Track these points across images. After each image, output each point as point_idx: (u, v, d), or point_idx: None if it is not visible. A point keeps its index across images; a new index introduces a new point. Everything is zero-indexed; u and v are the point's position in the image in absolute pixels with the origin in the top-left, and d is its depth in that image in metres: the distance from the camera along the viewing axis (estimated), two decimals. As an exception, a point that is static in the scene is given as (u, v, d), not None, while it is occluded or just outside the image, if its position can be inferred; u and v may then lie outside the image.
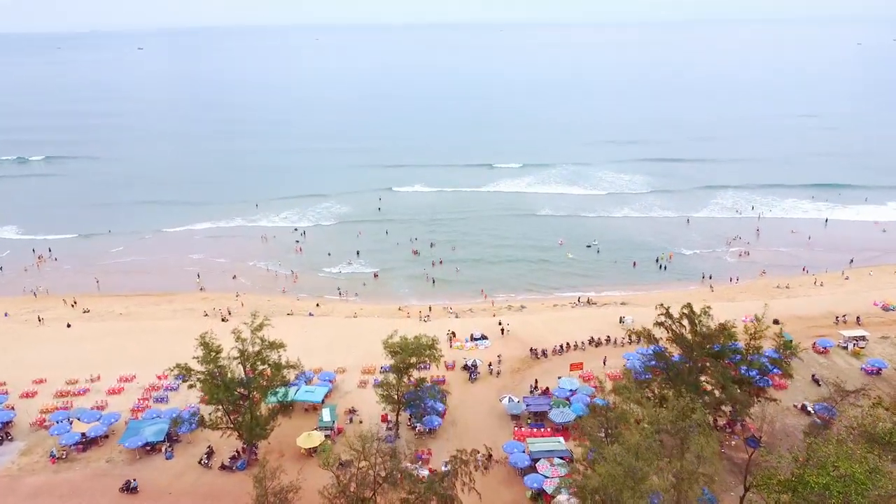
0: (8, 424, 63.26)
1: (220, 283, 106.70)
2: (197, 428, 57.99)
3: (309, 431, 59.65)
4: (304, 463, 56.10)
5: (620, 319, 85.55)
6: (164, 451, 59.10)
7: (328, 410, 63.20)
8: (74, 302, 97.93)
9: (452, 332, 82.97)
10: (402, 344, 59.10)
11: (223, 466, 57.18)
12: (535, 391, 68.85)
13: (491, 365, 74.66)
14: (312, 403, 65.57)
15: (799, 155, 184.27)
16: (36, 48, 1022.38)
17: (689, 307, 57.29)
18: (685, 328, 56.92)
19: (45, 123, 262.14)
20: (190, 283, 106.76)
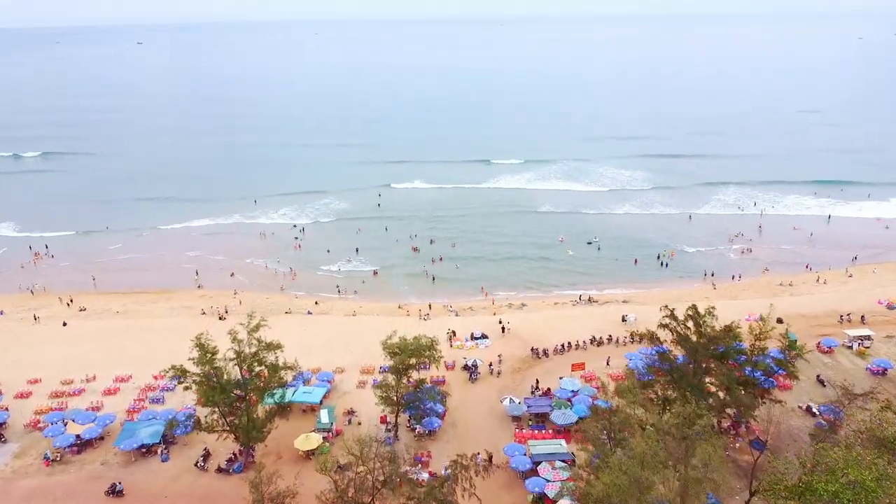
0: (1, 426, 62.38)
1: (218, 280, 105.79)
2: (192, 430, 57.15)
3: (307, 433, 58.70)
4: (301, 466, 55.22)
5: (623, 318, 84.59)
6: (159, 453, 58.20)
7: (326, 412, 62.29)
8: (70, 300, 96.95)
9: (452, 330, 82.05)
10: (401, 345, 58.18)
11: (220, 469, 56.26)
12: (536, 392, 67.93)
13: (491, 365, 73.73)
14: (310, 404, 64.67)
15: (800, 151, 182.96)
16: (34, 43, 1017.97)
17: (694, 309, 56.28)
18: (690, 330, 55.94)
19: (42, 119, 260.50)
20: (188, 280, 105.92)
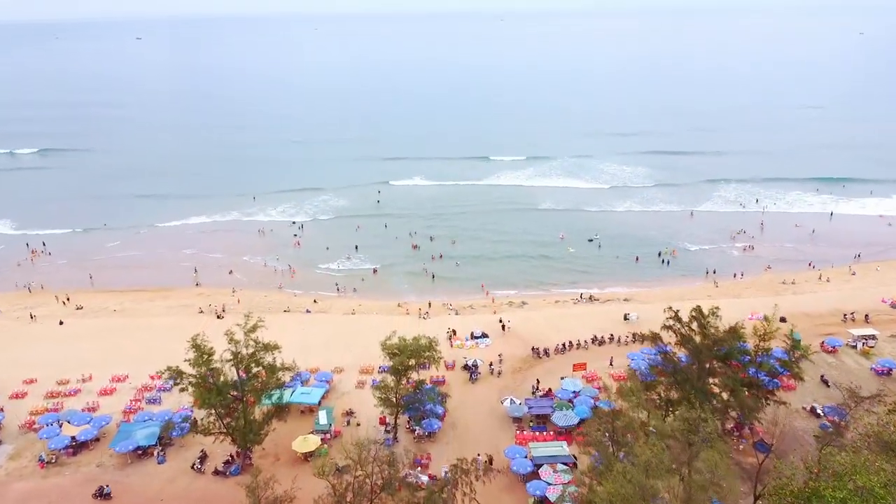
0: (-4, 427, 61.75)
1: (216, 278, 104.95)
2: (189, 432, 56.41)
3: (305, 435, 58.02)
4: (299, 469, 54.52)
5: (625, 316, 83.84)
6: (155, 455, 57.52)
7: (325, 413, 61.57)
8: (67, 298, 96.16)
9: (452, 330, 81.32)
10: (400, 345, 57.49)
11: (216, 472, 55.61)
12: (537, 392, 67.22)
13: (492, 364, 73.00)
14: (309, 405, 63.96)
15: (802, 147, 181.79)
16: (33, 37, 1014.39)
17: (698, 310, 55.47)
18: (694, 331, 55.13)
19: (40, 115, 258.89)
20: (186, 278, 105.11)
